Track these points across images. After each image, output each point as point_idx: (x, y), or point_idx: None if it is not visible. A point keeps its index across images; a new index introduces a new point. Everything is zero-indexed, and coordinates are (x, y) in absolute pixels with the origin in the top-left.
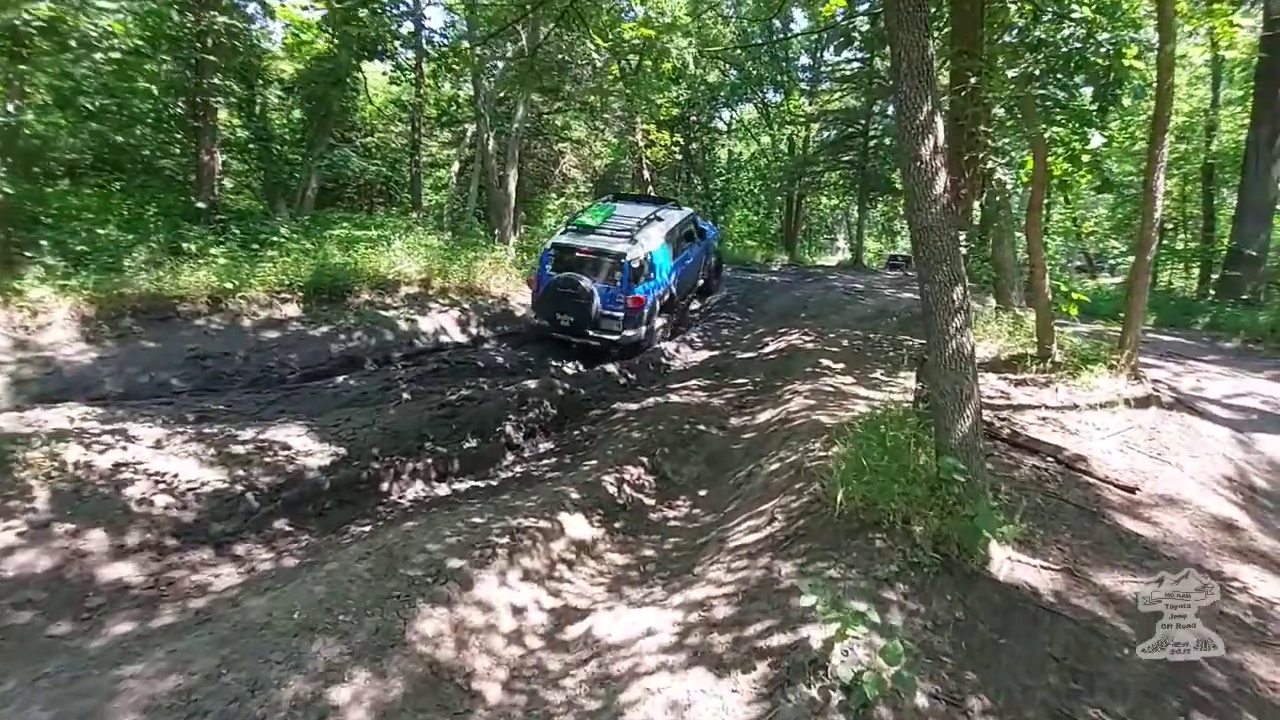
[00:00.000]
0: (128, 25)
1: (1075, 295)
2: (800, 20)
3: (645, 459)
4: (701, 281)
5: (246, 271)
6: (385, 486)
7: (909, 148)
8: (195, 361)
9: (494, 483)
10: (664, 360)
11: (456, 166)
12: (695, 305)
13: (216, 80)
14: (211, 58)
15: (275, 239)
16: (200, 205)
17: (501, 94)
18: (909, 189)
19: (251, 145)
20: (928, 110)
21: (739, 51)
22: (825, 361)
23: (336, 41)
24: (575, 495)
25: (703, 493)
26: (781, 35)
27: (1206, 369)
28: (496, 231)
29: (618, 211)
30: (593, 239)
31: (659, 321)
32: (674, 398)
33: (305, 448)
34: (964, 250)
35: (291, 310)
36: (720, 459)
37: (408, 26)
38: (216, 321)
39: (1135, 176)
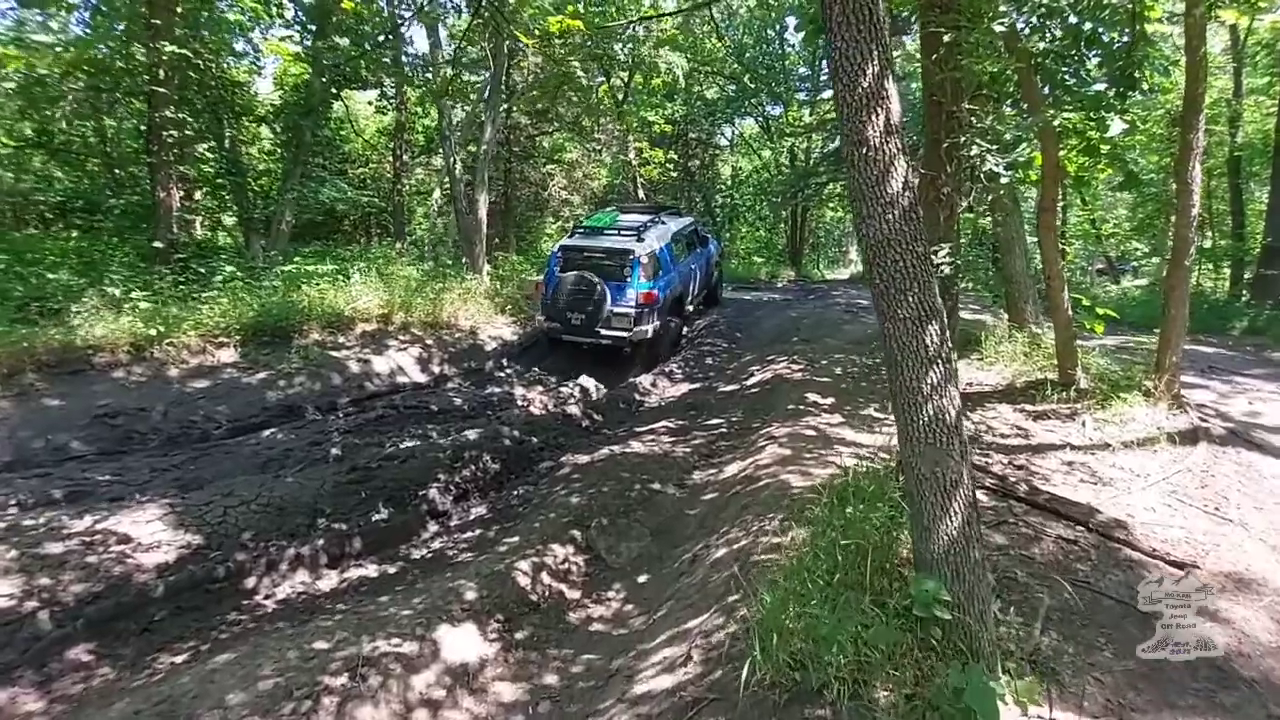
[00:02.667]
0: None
1: (1100, 310)
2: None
3: (579, 533)
4: (705, 291)
5: (177, 315)
6: (252, 582)
7: (850, 128)
8: (103, 421)
9: (393, 569)
10: (638, 396)
11: (438, 194)
12: (685, 329)
13: (169, 114)
14: (163, 90)
15: (219, 277)
16: (157, 245)
17: (483, 118)
18: (855, 186)
19: (221, 180)
20: (874, 73)
21: (730, 59)
22: (811, 396)
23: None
24: (472, 594)
25: (642, 579)
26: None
27: (1258, 387)
28: (466, 260)
29: (622, 217)
30: (600, 240)
31: (670, 322)
32: (635, 445)
33: (151, 538)
34: (947, 268)
35: (227, 356)
36: (670, 530)
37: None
38: (138, 373)
39: (1157, 174)
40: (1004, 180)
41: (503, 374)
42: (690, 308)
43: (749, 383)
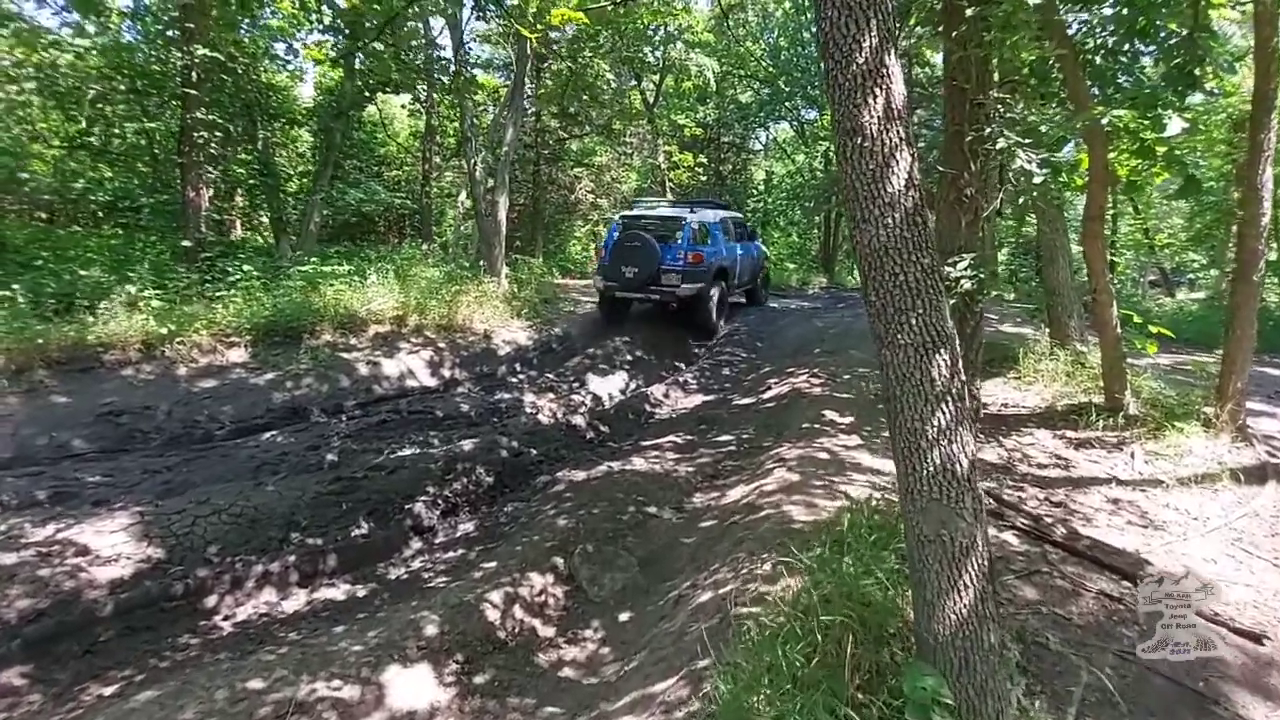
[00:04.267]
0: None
1: (1154, 328)
2: None
3: (562, 560)
4: (750, 284)
5: (189, 314)
6: (211, 601)
7: (844, 114)
8: (107, 419)
9: (363, 591)
10: (649, 407)
11: (464, 196)
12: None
13: (200, 115)
14: (194, 93)
15: (235, 276)
16: (186, 244)
17: (505, 120)
18: (848, 184)
19: (253, 181)
20: (871, 46)
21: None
22: (829, 413)
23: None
24: (433, 629)
25: (624, 616)
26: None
27: None
28: (483, 263)
29: (670, 205)
30: (656, 210)
31: (714, 293)
32: (637, 461)
33: (112, 550)
34: (968, 282)
35: (237, 355)
36: (660, 561)
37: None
38: (147, 371)
39: (1216, 180)
40: (1037, 180)
41: (514, 380)
42: (732, 288)
43: (765, 396)
